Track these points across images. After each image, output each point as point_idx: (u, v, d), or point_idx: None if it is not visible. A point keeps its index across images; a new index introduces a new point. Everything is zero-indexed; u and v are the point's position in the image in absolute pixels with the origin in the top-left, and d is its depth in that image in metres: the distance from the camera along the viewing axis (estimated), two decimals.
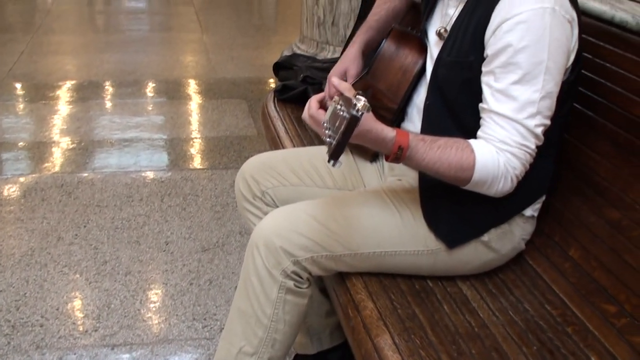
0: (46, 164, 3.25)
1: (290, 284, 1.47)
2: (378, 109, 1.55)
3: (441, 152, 1.34)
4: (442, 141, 1.35)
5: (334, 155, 1.21)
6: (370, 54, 1.81)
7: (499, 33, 1.33)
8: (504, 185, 1.37)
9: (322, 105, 1.43)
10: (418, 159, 1.34)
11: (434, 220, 1.49)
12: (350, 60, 1.80)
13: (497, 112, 1.35)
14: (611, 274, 1.42)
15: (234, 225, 2.77)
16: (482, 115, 1.39)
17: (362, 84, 1.69)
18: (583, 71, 1.55)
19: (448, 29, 1.51)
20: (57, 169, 3.21)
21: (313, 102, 1.43)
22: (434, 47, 1.58)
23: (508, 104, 1.33)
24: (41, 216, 2.77)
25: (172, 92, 4.33)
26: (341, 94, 1.31)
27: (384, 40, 1.71)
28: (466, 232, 1.49)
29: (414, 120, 1.63)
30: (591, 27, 1.61)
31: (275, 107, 2.56)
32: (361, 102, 1.19)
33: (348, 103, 1.22)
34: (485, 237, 1.49)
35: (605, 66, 1.56)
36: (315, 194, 1.71)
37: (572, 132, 1.61)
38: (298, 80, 2.67)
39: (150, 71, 4.72)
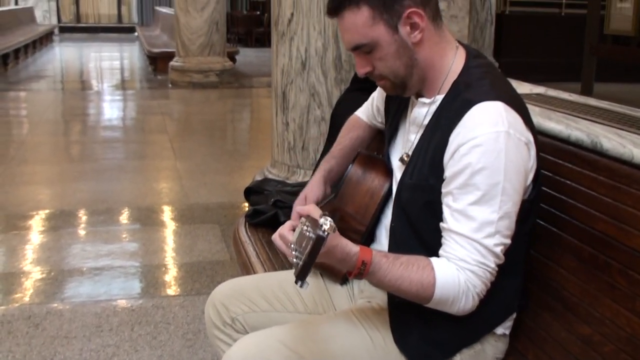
0: (14, 295, 3.19)
1: None
2: (346, 232, 1.57)
3: (403, 269, 1.36)
4: (405, 258, 1.37)
5: (300, 276, 1.22)
6: (335, 182, 1.86)
7: (457, 156, 1.38)
8: (465, 304, 1.38)
9: (294, 229, 1.45)
10: (380, 276, 1.35)
11: (404, 343, 1.48)
12: (310, 188, 1.85)
13: (457, 231, 1.37)
14: None
15: (206, 353, 2.70)
16: (443, 234, 1.41)
17: (330, 208, 1.72)
18: (545, 188, 1.59)
19: (410, 154, 1.55)
20: (25, 299, 3.15)
21: (287, 223, 1.45)
22: (398, 171, 1.62)
23: (467, 224, 1.36)
24: (7, 350, 2.69)
25: (145, 219, 4.33)
26: (307, 215, 1.34)
27: (350, 165, 1.75)
28: (437, 354, 1.47)
29: (382, 241, 1.66)
30: (549, 146, 1.66)
31: (246, 231, 2.57)
32: (327, 223, 1.21)
33: (314, 224, 1.24)
34: (458, 358, 1.48)
35: (565, 183, 1.61)
36: (286, 319, 1.69)
37: (538, 248, 1.63)
38: (269, 205, 2.69)
39: (123, 199, 4.74)
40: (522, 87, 2.31)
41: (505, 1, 10.79)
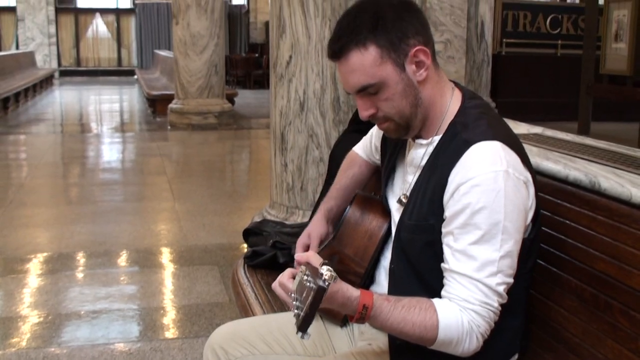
0: (11, 340, 3.16)
1: None
2: (346, 274, 1.57)
3: (405, 312, 1.35)
4: (406, 301, 1.36)
5: (302, 327, 1.21)
6: (335, 222, 1.86)
7: (457, 196, 1.38)
8: (469, 345, 1.36)
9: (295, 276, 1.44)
10: (382, 319, 1.34)
11: None
12: (312, 226, 1.86)
13: (459, 271, 1.37)
14: None
15: None
16: (445, 274, 1.41)
17: (329, 250, 1.72)
18: (544, 228, 1.59)
19: (408, 194, 1.56)
20: (22, 344, 3.12)
21: (288, 271, 1.44)
22: (396, 213, 1.62)
23: (468, 264, 1.36)
24: None
25: (144, 261, 4.31)
26: (307, 263, 1.33)
27: (348, 207, 1.75)
28: None
29: (382, 282, 1.65)
30: (547, 185, 1.67)
31: (245, 273, 2.55)
32: (328, 272, 1.21)
33: (314, 272, 1.24)
34: None
35: (564, 223, 1.61)
36: None
37: (539, 288, 1.62)
38: (267, 246, 2.68)
39: (121, 241, 4.72)
40: (519, 128, 2.32)
41: (501, 42, 10.91)
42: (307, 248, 1.83)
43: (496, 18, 10.46)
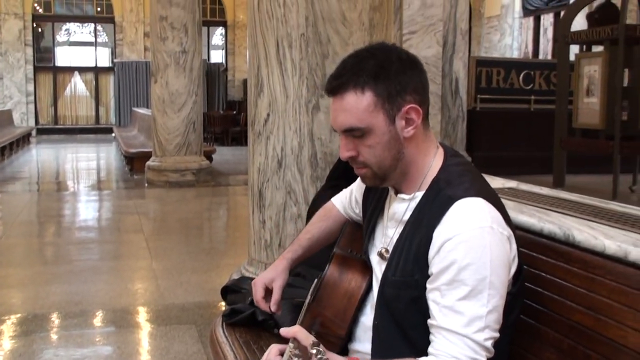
0: None
1: None
2: (328, 337, 1.57)
3: None
4: None
5: None
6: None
7: (443, 252, 1.39)
8: None
9: (283, 353, 1.44)
10: None
11: None
12: (278, 273, 1.86)
13: (446, 327, 1.37)
14: None
15: None
16: (432, 331, 1.41)
17: (310, 315, 1.71)
18: None
19: (389, 248, 1.56)
20: None
21: (274, 349, 1.43)
22: (377, 266, 1.63)
23: (456, 320, 1.36)
24: None
25: (120, 321, 4.24)
26: (295, 339, 1.32)
27: (327, 266, 1.75)
28: None
29: (362, 339, 1.64)
30: (523, 239, 1.68)
31: (223, 331, 2.52)
32: (318, 355, 1.21)
33: (304, 353, 1.23)
34: None
35: (540, 275, 1.62)
36: None
37: (518, 341, 1.62)
38: (246, 304, 2.66)
39: (98, 300, 4.65)
40: (494, 182, 2.35)
41: (476, 98, 11.10)
42: (267, 292, 1.84)
43: (470, 74, 10.67)
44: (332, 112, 1.53)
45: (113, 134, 18.34)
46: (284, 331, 1.45)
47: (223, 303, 3.35)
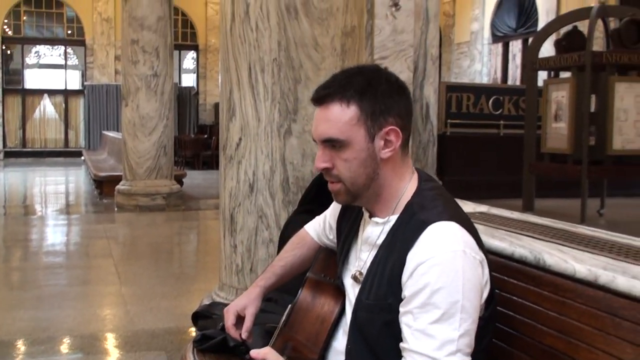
0: None
1: None
2: None
3: None
4: None
5: None
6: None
7: (416, 275, 1.40)
8: None
9: None
10: None
11: None
12: (250, 300, 1.85)
13: (418, 351, 1.37)
14: None
15: None
16: (404, 354, 1.41)
17: (282, 339, 1.70)
18: None
19: (363, 272, 1.56)
20: None
21: None
22: (351, 290, 1.62)
23: (428, 343, 1.37)
24: None
25: (88, 348, 4.17)
26: None
27: (300, 290, 1.75)
28: None
29: None
30: (494, 263, 1.69)
31: (194, 358, 2.49)
32: None
33: None
34: None
35: (512, 299, 1.63)
36: None
37: None
38: (217, 329, 2.63)
39: (65, 326, 4.57)
40: (466, 206, 2.37)
41: (446, 123, 11.21)
42: (239, 319, 1.82)
43: (441, 100, 10.77)
44: (315, 122, 1.55)
45: (82, 158, 18.17)
46: (254, 353, 1.44)
47: (194, 329, 3.32)
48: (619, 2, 14.27)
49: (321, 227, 1.93)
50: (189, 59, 22.93)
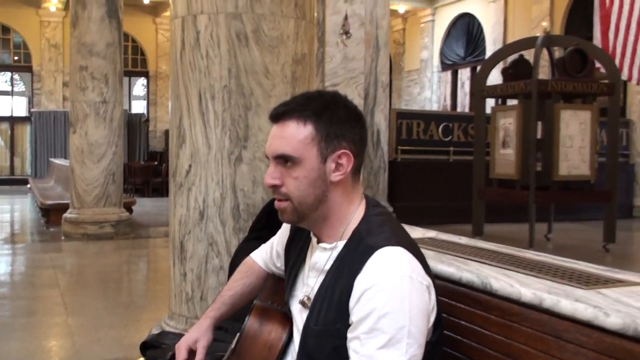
0: None
1: None
2: None
3: None
4: None
5: None
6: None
7: (363, 301, 1.40)
8: None
9: None
10: None
11: None
12: (202, 333, 1.83)
13: None
14: None
15: None
16: None
17: None
18: None
19: (311, 297, 1.56)
20: None
21: None
22: (299, 316, 1.62)
23: None
24: None
25: None
26: None
27: (247, 318, 1.74)
28: None
29: None
30: (442, 288, 1.71)
31: None
32: None
33: None
34: None
35: (459, 323, 1.65)
36: None
37: None
38: (166, 359, 2.59)
39: (9, 359, 4.44)
40: (415, 232, 2.39)
41: (397, 149, 11.33)
42: (191, 353, 1.81)
43: (391, 126, 10.92)
44: (270, 138, 1.57)
45: (28, 185, 17.78)
46: None
47: (142, 359, 3.25)
48: (563, 32, 14.71)
49: (268, 254, 1.93)
50: (139, 86, 22.76)
